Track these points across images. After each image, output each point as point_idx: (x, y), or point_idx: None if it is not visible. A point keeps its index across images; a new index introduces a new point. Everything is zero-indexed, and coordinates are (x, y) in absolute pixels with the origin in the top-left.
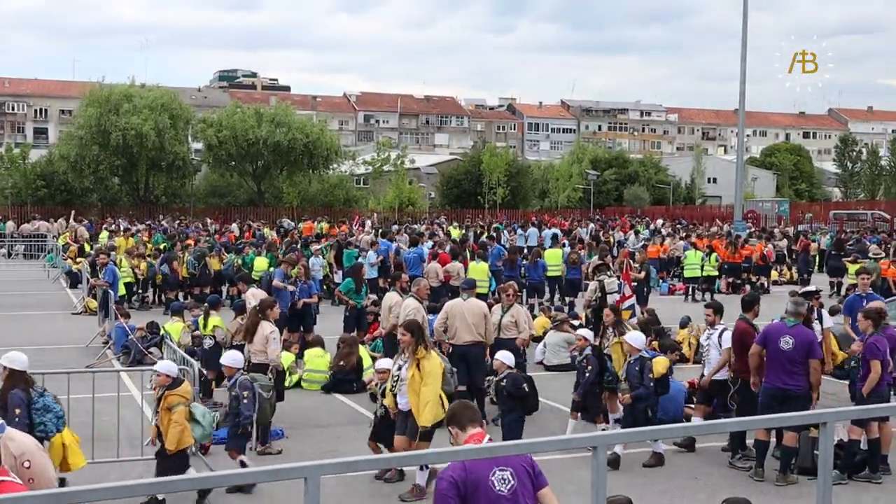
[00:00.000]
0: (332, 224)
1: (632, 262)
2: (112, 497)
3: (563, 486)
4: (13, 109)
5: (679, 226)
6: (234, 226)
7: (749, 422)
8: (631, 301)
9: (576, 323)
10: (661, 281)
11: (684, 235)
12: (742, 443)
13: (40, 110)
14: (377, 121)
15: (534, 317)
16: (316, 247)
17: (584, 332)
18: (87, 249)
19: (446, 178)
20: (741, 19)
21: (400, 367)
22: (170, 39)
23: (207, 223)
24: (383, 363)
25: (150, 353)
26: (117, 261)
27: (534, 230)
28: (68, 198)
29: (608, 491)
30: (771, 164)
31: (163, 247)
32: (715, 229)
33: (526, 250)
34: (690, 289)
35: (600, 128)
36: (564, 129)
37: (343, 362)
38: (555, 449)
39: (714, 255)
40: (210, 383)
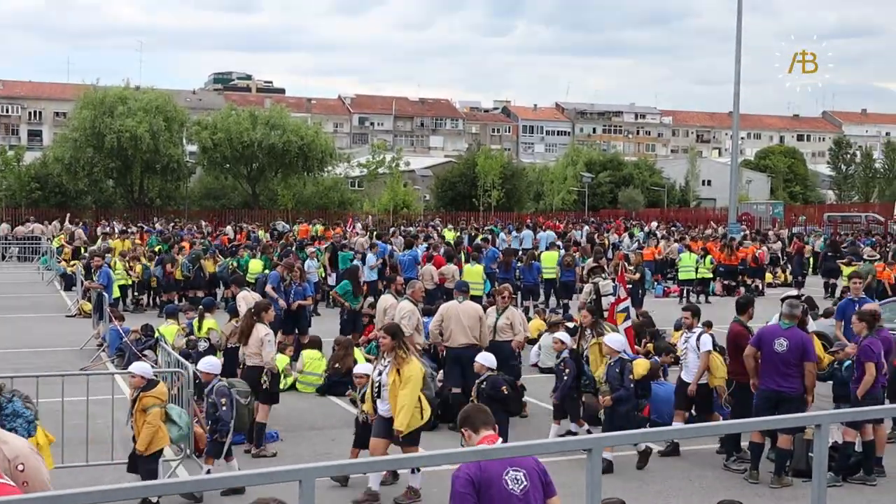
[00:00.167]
0: (327, 227)
1: (627, 264)
2: (107, 500)
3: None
4: (7, 111)
5: (674, 228)
6: (229, 228)
7: (743, 424)
8: (626, 303)
9: (571, 325)
10: (655, 283)
11: (679, 238)
12: (737, 445)
13: (35, 112)
14: (372, 123)
15: (529, 319)
16: (311, 249)
17: (561, 335)
18: (83, 252)
19: (441, 180)
20: (736, 22)
21: (380, 373)
22: (164, 41)
23: (202, 226)
24: (361, 368)
25: (144, 355)
26: (112, 263)
27: (528, 232)
28: (63, 200)
29: (602, 493)
30: (765, 167)
31: (158, 249)
32: (709, 232)
33: (521, 253)
34: (685, 291)
35: (595, 130)
36: (559, 131)
37: (338, 364)
38: (550, 451)
39: (709, 257)
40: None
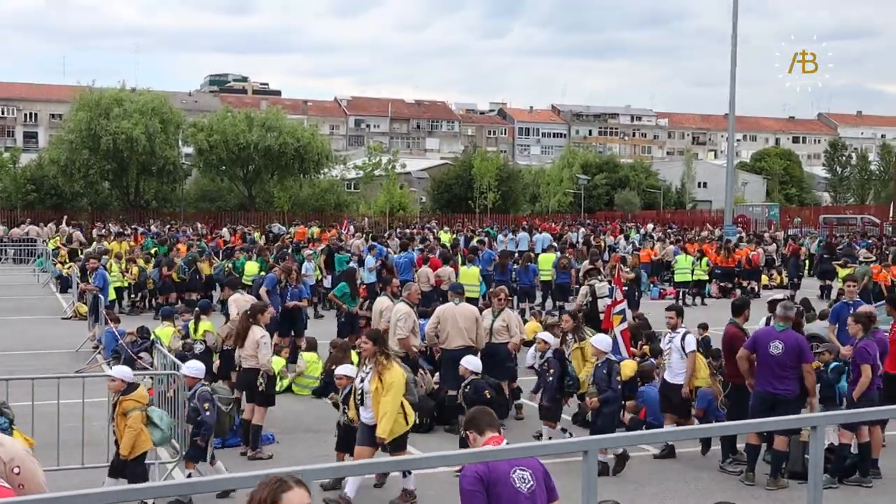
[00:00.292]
0: (324, 229)
1: (623, 266)
2: (103, 503)
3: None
4: (3, 113)
5: (669, 230)
6: (225, 230)
7: (739, 426)
8: (622, 305)
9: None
10: (651, 285)
11: (675, 240)
12: (733, 447)
13: (30, 114)
14: (368, 125)
15: (525, 321)
16: (309, 252)
17: (545, 336)
18: (80, 254)
19: (437, 182)
20: (731, 24)
21: (362, 380)
22: (161, 43)
23: (198, 228)
24: (343, 370)
25: (140, 357)
26: (108, 265)
27: (524, 235)
28: (58, 202)
29: (598, 495)
30: (761, 169)
31: (154, 251)
32: (705, 234)
33: (517, 255)
34: (681, 293)
35: (591, 132)
36: (555, 133)
37: (335, 367)
38: (547, 454)
39: (704, 259)
40: None
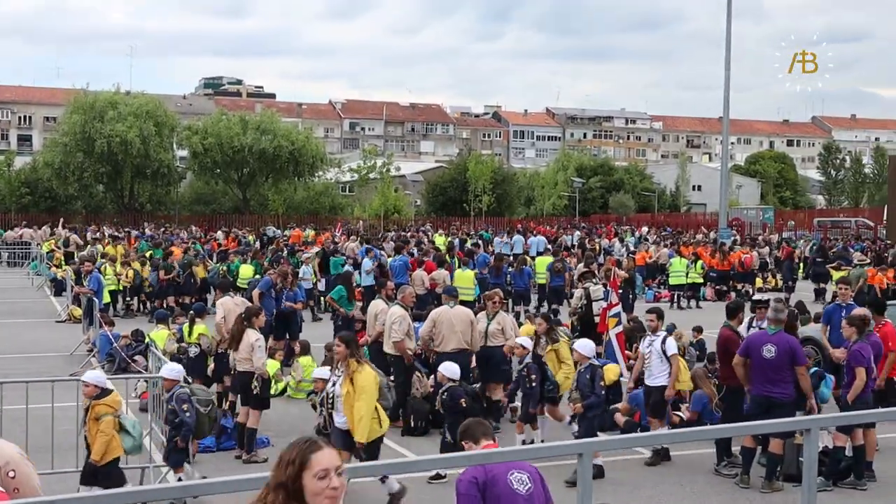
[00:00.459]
0: (318, 232)
1: (618, 269)
2: None
3: None
4: None
5: (664, 233)
6: (220, 233)
7: (734, 428)
8: (617, 308)
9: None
10: (646, 288)
11: (670, 243)
12: (728, 450)
13: (25, 117)
14: (363, 128)
15: (519, 324)
16: (306, 255)
17: (523, 341)
18: (75, 257)
19: (432, 185)
20: (725, 28)
21: (334, 384)
22: (155, 46)
23: (193, 231)
24: (319, 372)
25: (134, 361)
26: (102, 268)
27: (519, 238)
28: (53, 205)
29: (594, 498)
30: (755, 172)
31: (149, 254)
32: (700, 237)
33: (511, 258)
34: (676, 296)
35: (585, 135)
36: (549, 136)
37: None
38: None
39: (699, 262)
40: None
